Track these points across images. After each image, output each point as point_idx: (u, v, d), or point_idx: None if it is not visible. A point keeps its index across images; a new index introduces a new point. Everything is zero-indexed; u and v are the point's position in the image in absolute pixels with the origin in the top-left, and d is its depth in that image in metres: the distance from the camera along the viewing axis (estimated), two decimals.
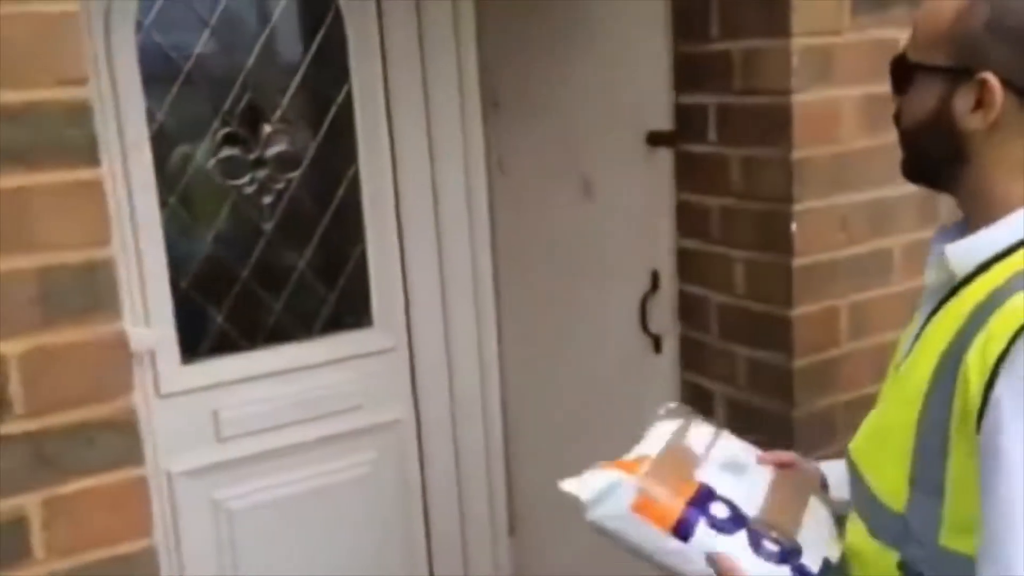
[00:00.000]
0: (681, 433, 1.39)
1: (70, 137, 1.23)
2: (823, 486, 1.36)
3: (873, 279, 1.94)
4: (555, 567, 2.58)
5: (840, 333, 1.92)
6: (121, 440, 1.31)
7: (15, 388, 1.22)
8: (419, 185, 2.53)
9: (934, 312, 1.09)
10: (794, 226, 1.83)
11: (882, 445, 1.11)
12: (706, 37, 1.94)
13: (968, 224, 1.11)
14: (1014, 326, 0.94)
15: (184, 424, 2.29)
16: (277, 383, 2.40)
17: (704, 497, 1.22)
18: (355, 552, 2.51)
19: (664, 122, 2.07)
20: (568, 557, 2.42)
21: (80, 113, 1.23)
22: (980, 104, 1.04)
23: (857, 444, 1.20)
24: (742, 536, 1.18)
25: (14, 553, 1.26)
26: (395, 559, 2.60)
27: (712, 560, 1.17)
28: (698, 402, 2.09)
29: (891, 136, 1.95)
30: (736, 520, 1.20)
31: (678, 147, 2.05)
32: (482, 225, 2.62)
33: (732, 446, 1.39)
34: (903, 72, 1.12)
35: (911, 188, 1.24)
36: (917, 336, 1.12)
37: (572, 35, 2.26)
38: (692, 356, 2.12)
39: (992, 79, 1.02)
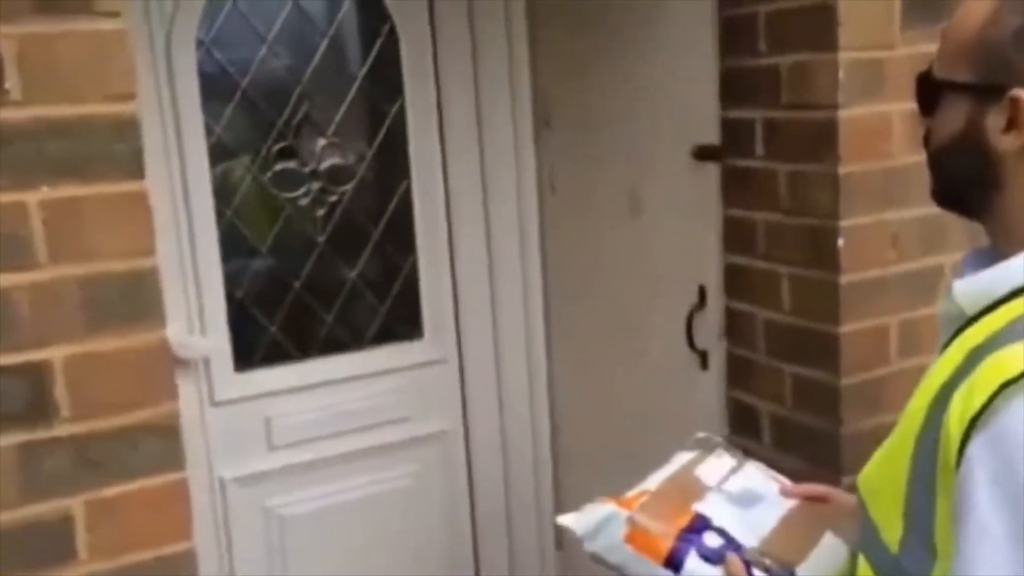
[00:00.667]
0: (694, 464, 1.37)
1: (117, 151, 1.28)
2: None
3: (924, 296, 1.90)
4: None
5: (890, 351, 1.89)
6: (164, 444, 1.35)
7: (61, 392, 1.26)
8: (470, 200, 2.56)
9: (947, 344, 1.00)
10: (841, 242, 1.81)
11: (884, 481, 1.04)
12: (754, 52, 1.93)
13: (995, 253, 1.02)
14: (996, 382, 0.86)
15: (237, 431, 2.34)
16: (328, 393, 2.44)
17: (698, 527, 1.21)
18: (401, 563, 2.53)
19: (711, 137, 2.06)
20: (614, 574, 2.41)
21: (127, 127, 1.28)
22: (1013, 124, 0.95)
23: (865, 476, 1.11)
24: None
25: (59, 553, 1.30)
26: (441, 571, 2.62)
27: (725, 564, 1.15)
28: (744, 420, 2.08)
29: None
30: (728, 550, 1.18)
31: (725, 162, 2.04)
32: (532, 240, 2.63)
33: (751, 478, 1.35)
34: (929, 91, 1.03)
35: None
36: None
37: (622, 53, 2.26)
38: (738, 373, 2.09)
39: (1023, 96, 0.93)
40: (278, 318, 2.41)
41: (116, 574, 1.34)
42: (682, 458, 1.40)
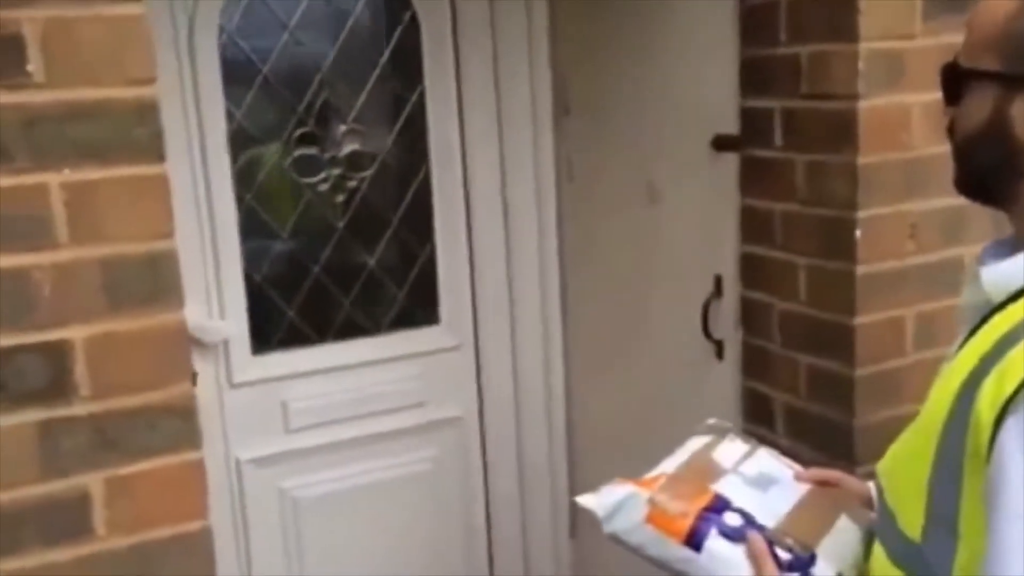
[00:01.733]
0: (710, 448, 1.37)
1: (137, 134, 1.29)
2: (869, 505, 1.30)
3: (943, 289, 1.88)
4: (615, 570, 2.57)
5: (906, 343, 1.88)
6: (180, 424, 1.37)
7: (81, 372, 1.29)
8: (489, 187, 2.56)
9: (971, 334, 1.01)
10: (858, 233, 1.80)
11: (905, 469, 1.06)
12: (774, 41, 1.92)
13: (1018, 243, 1.03)
14: None
15: (254, 413, 2.36)
16: (345, 377, 2.45)
17: (718, 507, 1.21)
18: (416, 547, 2.55)
19: (730, 126, 2.05)
20: (629, 561, 2.41)
21: (147, 111, 1.30)
22: None
23: (885, 464, 1.13)
24: None
25: (77, 529, 1.33)
26: (456, 556, 2.64)
27: (747, 541, 1.16)
28: (759, 409, 2.08)
29: None
30: (749, 530, 1.18)
31: (743, 151, 2.03)
32: (550, 228, 2.64)
33: (766, 462, 1.36)
34: (955, 80, 1.04)
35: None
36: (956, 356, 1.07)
37: (642, 41, 2.26)
38: (753, 363, 2.09)
39: None
40: (296, 302, 2.43)
41: (132, 551, 1.36)
42: (697, 442, 1.40)
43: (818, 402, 1.94)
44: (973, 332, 1.00)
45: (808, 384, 1.95)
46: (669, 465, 1.34)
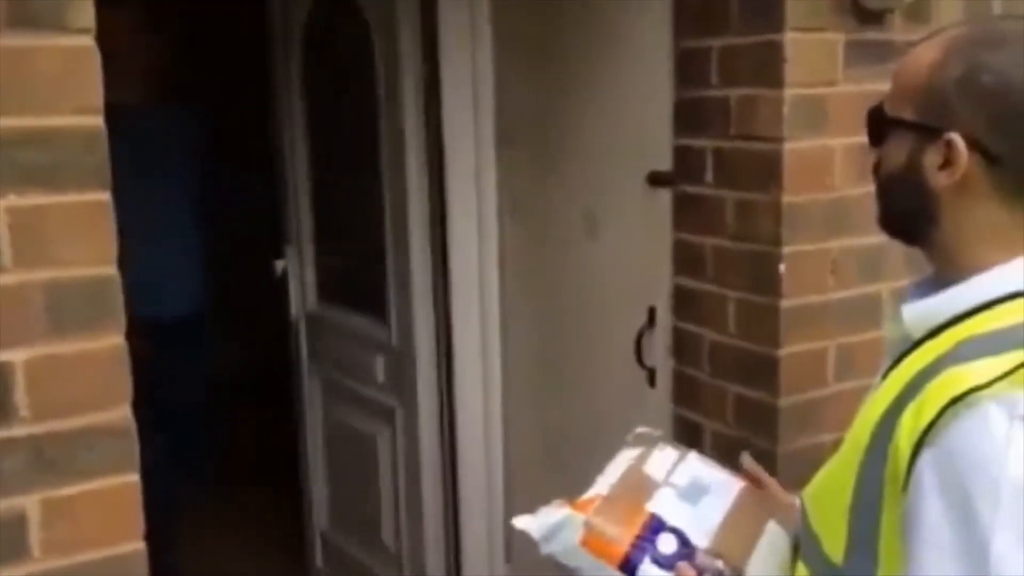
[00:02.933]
0: (642, 460, 1.40)
1: (85, 162, 1.31)
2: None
3: (862, 323, 1.98)
4: None
5: (827, 374, 1.97)
6: (119, 446, 1.38)
7: (20, 394, 1.29)
8: (429, 220, 2.62)
9: (893, 367, 1.06)
10: (782, 268, 1.89)
11: (828, 495, 1.09)
12: (706, 83, 2.01)
13: (936, 283, 1.08)
14: (944, 399, 0.92)
15: None
16: None
17: (653, 529, 1.25)
18: None
19: (665, 163, 2.13)
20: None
21: (95, 139, 1.32)
22: (947, 163, 1.01)
23: (810, 490, 1.17)
24: None
25: (13, 551, 1.32)
26: None
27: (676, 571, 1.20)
28: (688, 436, 2.14)
29: None
30: (682, 554, 1.23)
31: (677, 188, 2.12)
32: (491, 259, 2.69)
33: (696, 468, 1.39)
34: (878, 124, 1.10)
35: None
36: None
37: (582, 78, 2.33)
38: (684, 391, 2.17)
39: (958, 140, 1.00)
40: None
41: (68, 572, 1.36)
42: (628, 455, 1.43)
43: (744, 430, 2.01)
44: (895, 364, 1.05)
45: (735, 412, 2.03)
46: (603, 484, 1.37)
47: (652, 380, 2.22)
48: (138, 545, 1.40)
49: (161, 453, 2.59)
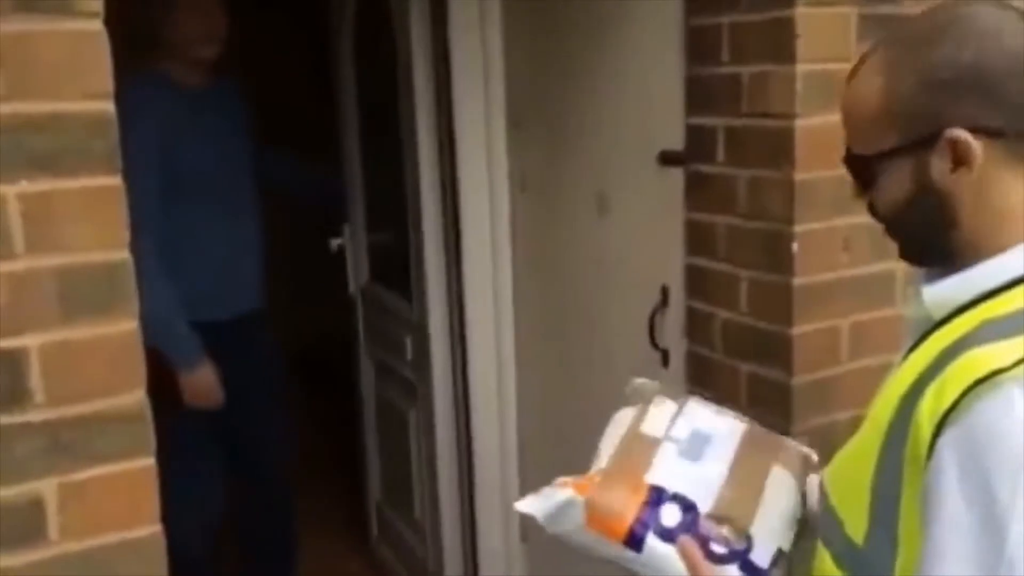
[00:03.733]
0: (639, 420, 1.39)
1: (95, 146, 1.31)
2: (811, 465, 1.36)
3: (875, 300, 1.97)
4: (570, 570, 2.63)
5: (840, 352, 1.96)
6: (133, 431, 1.39)
7: (35, 379, 1.30)
8: (441, 197, 2.61)
9: (915, 347, 1.06)
10: (795, 246, 1.87)
11: (850, 475, 1.10)
12: (717, 61, 1.99)
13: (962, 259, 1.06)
14: (967, 380, 0.92)
15: None
16: None
17: (655, 502, 1.24)
18: None
19: (676, 142, 2.12)
20: (582, 565, 2.47)
21: (104, 124, 1.31)
22: (959, 161, 1.00)
23: (831, 471, 1.17)
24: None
25: (30, 535, 1.33)
26: None
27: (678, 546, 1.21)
28: None
29: None
30: (686, 522, 1.23)
31: (689, 167, 2.10)
32: (503, 237, 2.69)
33: (697, 417, 1.39)
34: (863, 169, 1.08)
35: None
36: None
37: (592, 57, 2.32)
38: (697, 371, 2.16)
39: (961, 133, 0.99)
40: None
41: (85, 555, 1.37)
42: (625, 417, 1.43)
43: (758, 409, 1.99)
44: (916, 345, 1.05)
45: (749, 392, 2.02)
46: (604, 454, 1.36)
47: (665, 360, 2.21)
48: (155, 528, 1.41)
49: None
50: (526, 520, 1.33)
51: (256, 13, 4.12)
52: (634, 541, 1.23)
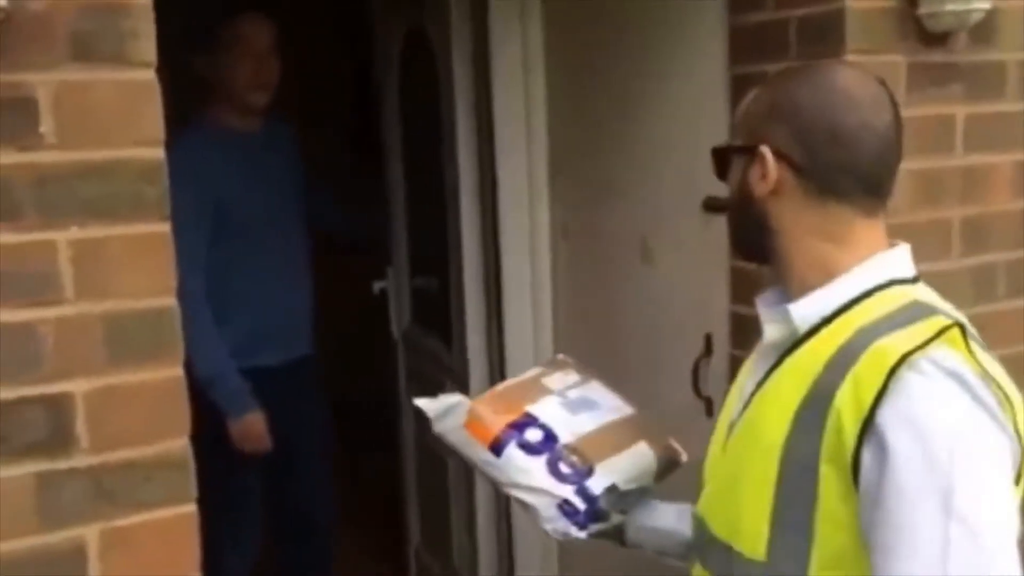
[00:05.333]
0: (542, 375, 1.62)
1: (145, 193, 1.33)
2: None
3: None
4: None
5: None
6: (176, 478, 1.38)
7: (81, 425, 1.30)
8: (483, 244, 2.62)
9: (774, 368, 1.20)
10: None
11: (737, 501, 1.19)
12: None
13: (784, 287, 1.24)
14: (887, 365, 1.06)
15: None
16: None
17: (524, 423, 1.47)
18: None
19: (720, 189, 2.09)
20: None
21: (155, 171, 1.33)
22: (764, 175, 1.19)
23: (706, 505, 1.28)
24: (543, 458, 1.45)
25: None
26: None
27: None
28: None
29: (946, 211, 1.97)
30: (545, 445, 1.45)
31: None
32: (544, 284, 2.68)
33: (593, 390, 1.60)
34: (720, 158, 1.29)
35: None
36: (754, 391, 1.22)
37: (634, 103, 2.32)
38: None
39: (766, 150, 1.18)
40: None
41: None
42: (534, 371, 1.67)
43: None
44: (777, 364, 1.19)
45: None
46: (501, 385, 1.66)
47: (709, 409, 2.17)
48: None
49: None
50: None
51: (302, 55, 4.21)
52: (497, 446, 1.45)
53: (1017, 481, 1.10)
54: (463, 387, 2.67)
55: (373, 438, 3.82)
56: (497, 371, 2.66)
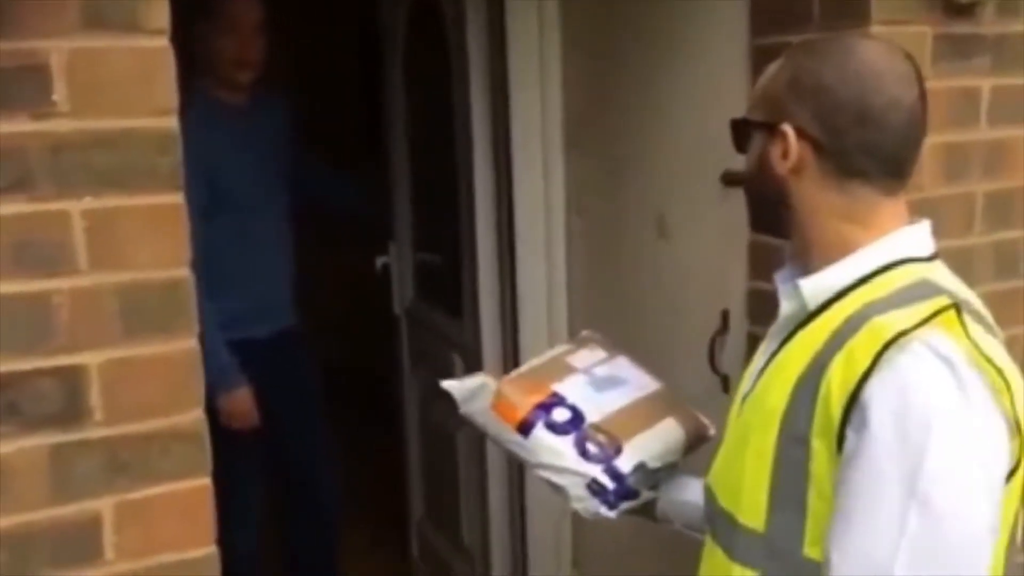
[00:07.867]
0: (568, 353, 1.61)
1: (159, 163, 1.31)
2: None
3: None
4: None
5: None
6: (191, 450, 1.37)
7: (95, 396, 1.29)
8: (497, 219, 2.59)
9: (786, 341, 1.20)
10: None
11: (741, 467, 1.20)
12: None
13: (803, 263, 1.23)
14: (879, 343, 1.06)
15: None
16: None
17: (551, 403, 1.46)
18: None
19: (739, 162, 2.07)
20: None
21: (169, 141, 1.31)
22: (785, 153, 1.18)
23: (714, 475, 1.29)
24: (571, 438, 1.44)
25: (87, 553, 1.33)
26: None
27: None
28: None
29: (970, 186, 1.94)
30: (572, 424, 1.44)
31: None
32: (559, 260, 2.65)
33: (620, 367, 1.59)
34: (740, 130, 1.28)
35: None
36: (765, 365, 1.23)
37: (651, 78, 2.29)
38: None
39: (788, 129, 1.17)
40: None
41: (142, 575, 1.36)
42: (560, 348, 1.66)
43: None
44: (789, 337, 1.19)
45: None
46: (527, 365, 1.63)
47: (725, 385, 2.15)
48: (210, 549, 1.39)
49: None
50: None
51: (306, 27, 4.18)
52: (525, 427, 1.44)
53: (1015, 470, 1.09)
54: (475, 365, 2.66)
55: (375, 413, 3.81)
56: (511, 348, 2.64)
